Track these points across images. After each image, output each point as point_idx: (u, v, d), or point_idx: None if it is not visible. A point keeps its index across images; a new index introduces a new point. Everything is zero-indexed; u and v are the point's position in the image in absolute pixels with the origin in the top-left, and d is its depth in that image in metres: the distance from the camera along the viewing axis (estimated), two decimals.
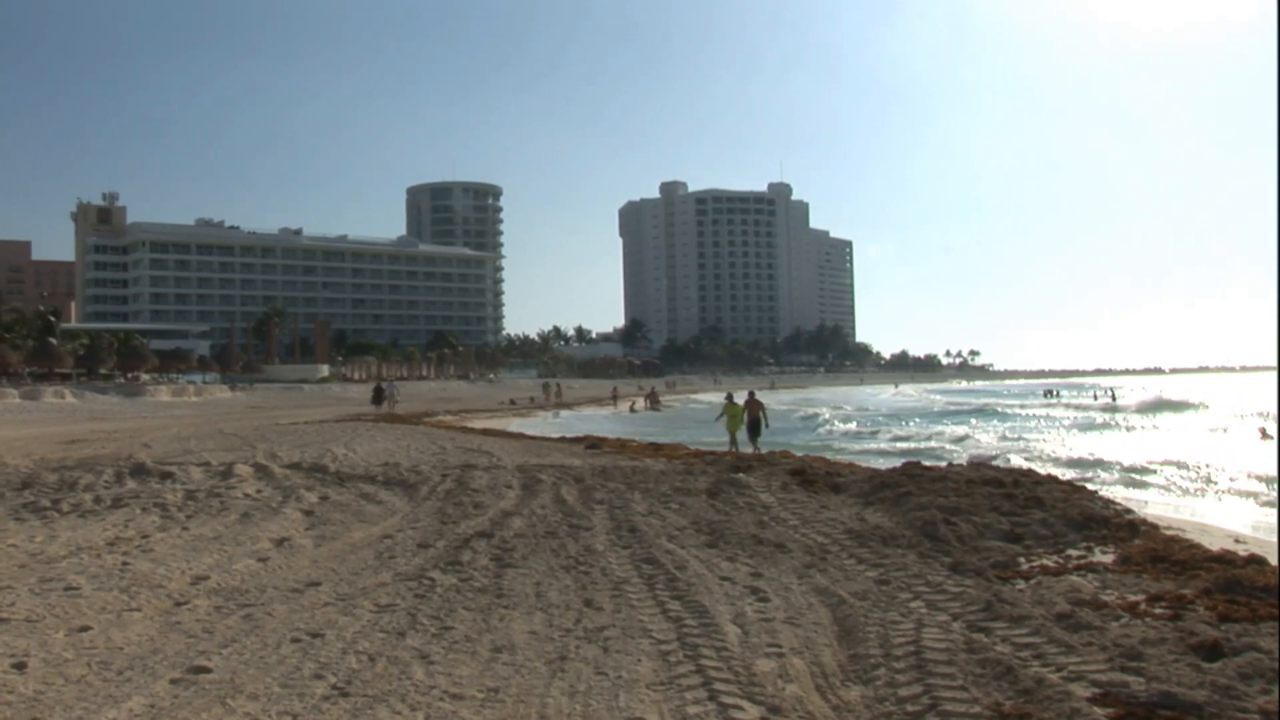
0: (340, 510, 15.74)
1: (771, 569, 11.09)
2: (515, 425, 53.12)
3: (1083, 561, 11.30)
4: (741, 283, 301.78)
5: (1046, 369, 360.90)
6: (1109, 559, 11.39)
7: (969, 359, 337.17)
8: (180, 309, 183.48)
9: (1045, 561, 11.38)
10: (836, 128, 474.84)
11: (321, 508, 15.94)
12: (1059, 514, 13.85)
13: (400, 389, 73.27)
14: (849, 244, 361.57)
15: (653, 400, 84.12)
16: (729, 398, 35.51)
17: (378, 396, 66.70)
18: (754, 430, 32.76)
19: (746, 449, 30.08)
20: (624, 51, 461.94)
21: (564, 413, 73.88)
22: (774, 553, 11.94)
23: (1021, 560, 11.42)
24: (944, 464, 21.81)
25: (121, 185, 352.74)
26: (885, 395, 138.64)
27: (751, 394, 34.68)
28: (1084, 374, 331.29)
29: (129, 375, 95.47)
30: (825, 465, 22.23)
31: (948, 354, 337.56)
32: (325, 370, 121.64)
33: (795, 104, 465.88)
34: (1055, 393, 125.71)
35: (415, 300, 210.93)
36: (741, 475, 19.26)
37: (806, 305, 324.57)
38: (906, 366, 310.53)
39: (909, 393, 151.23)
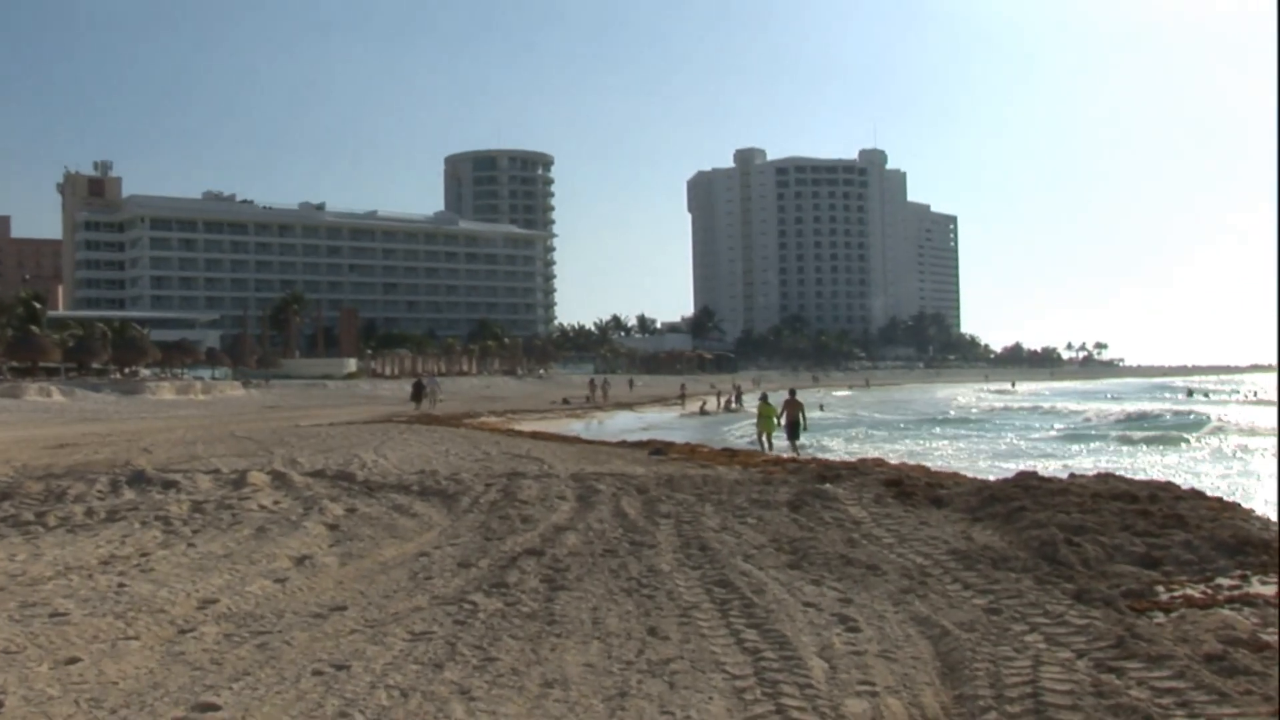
0: (369, 524, 15.87)
1: (863, 594, 11.00)
2: (569, 428, 53.29)
3: (1237, 593, 11.01)
4: (828, 265, 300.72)
5: (1190, 364, 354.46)
6: (1270, 590, 11.12)
7: (1095, 353, 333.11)
8: (185, 295, 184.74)
9: (1190, 591, 11.12)
10: (939, 85, 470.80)
11: (348, 521, 16.08)
12: (1206, 535, 13.54)
13: (440, 386, 74.07)
14: (953, 219, 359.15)
15: (734, 400, 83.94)
16: (763, 398, 37.34)
17: (417, 393, 67.54)
18: (793, 432, 34.58)
19: (784, 451, 31.13)
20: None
21: (624, 414, 74.06)
22: (866, 575, 11.84)
23: (1160, 589, 11.20)
24: (1066, 475, 21.52)
25: (116, 153, 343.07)
26: (980, 395, 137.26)
27: (792, 394, 36.21)
28: (1236, 370, 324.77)
29: (126, 370, 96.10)
30: (925, 475, 22.04)
31: (1069, 347, 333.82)
32: (352, 365, 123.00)
33: (891, 57, 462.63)
34: (1193, 393, 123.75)
35: (455, 285, 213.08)
36: (828, 486, 19.19)
37: (903, 290, 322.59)
38: (1020, 361, 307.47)
39: (1019, 391, 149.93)
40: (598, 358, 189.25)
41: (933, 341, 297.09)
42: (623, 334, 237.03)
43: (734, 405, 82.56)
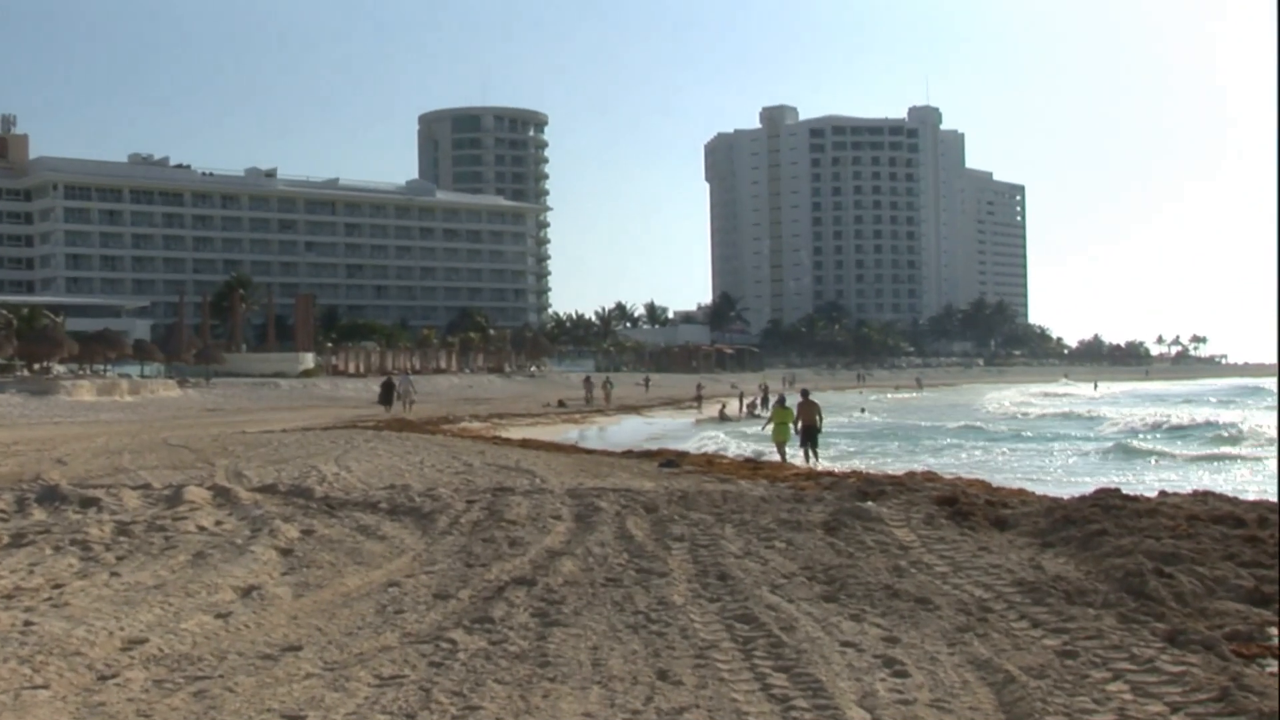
0: (330, 548, 15.90)
1: (911, 632, 10.97)
2: (565, 435, 53.30)
3: None
4: (871, 243, 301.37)
5: None
6: None
7: (1190, 348, 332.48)
8: (108, 276, 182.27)
9: None
10: (1004, 29, 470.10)
11: (304, 545, 16.10)
12: None
13: (414, 385, 74.14)
14: (1020, 190, 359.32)
15: (760, 402, 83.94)
16: (780, 401, 38.37)
17: (387, 394, 67.65)
18: (810, 438, 35.50)
19: (792, 460, 31.74)
20: None
21: (631, 419, 74.19)
22: (915, 610, 11.82)
23: (1273, 631, 11.18)
24: (1154, 492, 21.49)
25: (20, 106, 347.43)
26: (1049, 396, 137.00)
27: (805, 395, 36.93)
28: None
29: (36, 366, 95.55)
30: (985, 491, 22.01)
31: (1160, 341, 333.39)
32: (310, 361, 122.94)
33: None
34: None
35: (431, 267, 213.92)
36: (870, 504, 19.21)
37: (961, 274, 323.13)
38: (1099, 357, 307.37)
39: (1100, 394, 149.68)
40: (599, 353, 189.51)
41: (995, 334, 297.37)
42: (628, 325, 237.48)
43: (760, 410, 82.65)
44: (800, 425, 36.12)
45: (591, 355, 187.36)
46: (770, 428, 37.93)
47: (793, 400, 38.01)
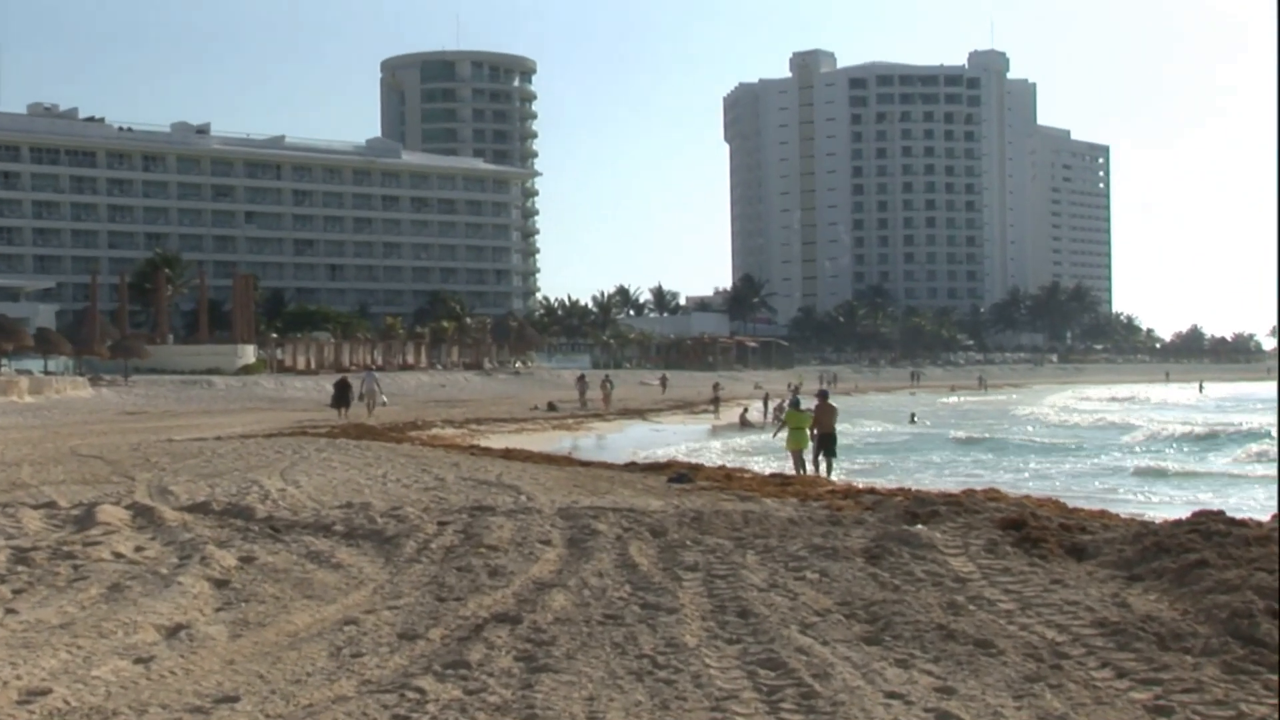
0: (274, 579, 15.90)
1: (970, 682, 10.95)
2: (557, 444, 53.37)
3: None
4: (923, 215, 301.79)
5: None
6: None
7: None
8: (4, 251, 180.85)
9: None
10: None
11: (243, 575, 16.10)
12: None
13: (379, 384, 73.81)
14: (1104, 152, 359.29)
15: (787, 406, 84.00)
16: (794, 404, 39.34)
17: (342, 395, 67.43)
18: (828, 447, 36.24)
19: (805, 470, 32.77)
20: None
21: (635, 425, 74.36)
22: (974, 655, 11.80)
23: None
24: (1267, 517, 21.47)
25: None
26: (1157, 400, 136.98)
27: (824, 397, 37.57)
28: None
29: None
30: (1059, 512, 21.97)
31: (1275, 333, 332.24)
32: (250, 354, 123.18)
33: None
34: None
35: (396, 244, 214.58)
36: (920, 528, 19.23)
37: (1031, 252, 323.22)
38: (1199, 351, 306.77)
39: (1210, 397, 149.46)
40: (597, 346, 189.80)
41: (1071, 325, 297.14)
42: (632, 313, 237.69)
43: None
44: (816, 432, 36.58)
45: (588, 349, 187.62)
46: (783, 435, 38.17)
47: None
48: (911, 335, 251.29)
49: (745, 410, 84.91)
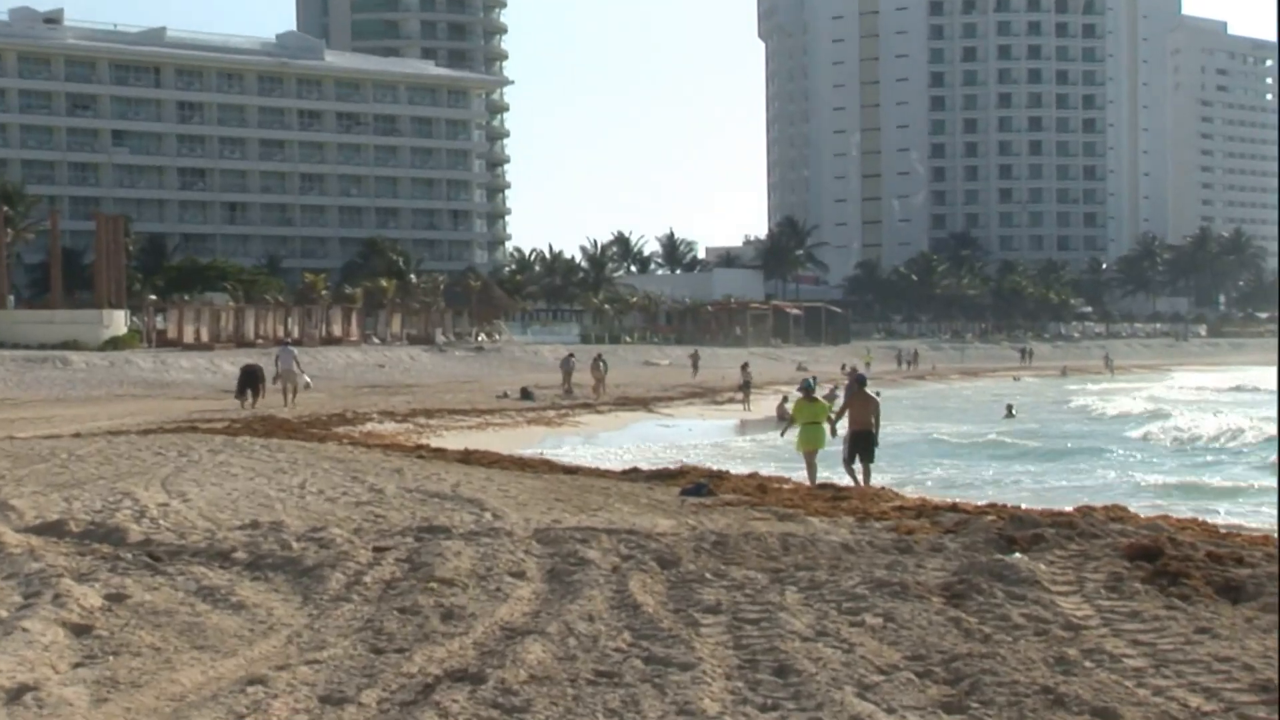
0: (153, 624, 15.85)
1: None
2: (534, 444, 53.41)
3: None
4: (1025, 138, 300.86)
5: None
6: None
7: None
8: None
9: None
10: None
11: (111, 619, 16.02)
12: None
13: (299, 363, 73.20)
14: (1273, 50, 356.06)
15: (837, 394, 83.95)
16: (805, 390, 38.65)
17: (250, 380, 66.92)
18: (863, 448, 35.92)
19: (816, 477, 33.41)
20: None
21: (637, 419, 74.42)
22: None
23: None
24: None
25: None
26: None
27: (860, 383, 37.74)
28: None
29: None
30: (1207, 537, 21.91)
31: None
32: (121, 322, 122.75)
33: None
34: None
35: (318, 174, 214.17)
36: (1019, 557, 19.19)
37: (1172, 189, 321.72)
38: None
39: None
40: (588, 313, 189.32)
41: (1227, 286, 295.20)
42: (634, 269, 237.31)
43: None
44: (848, 429, 36.42)
45: (574, 317, 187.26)
46: (794, 434, 38.08)
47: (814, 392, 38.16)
48: (1008, 299, 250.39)
49: (784, 400, 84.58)
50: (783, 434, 42.54)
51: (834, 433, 36.90)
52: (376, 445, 45.09)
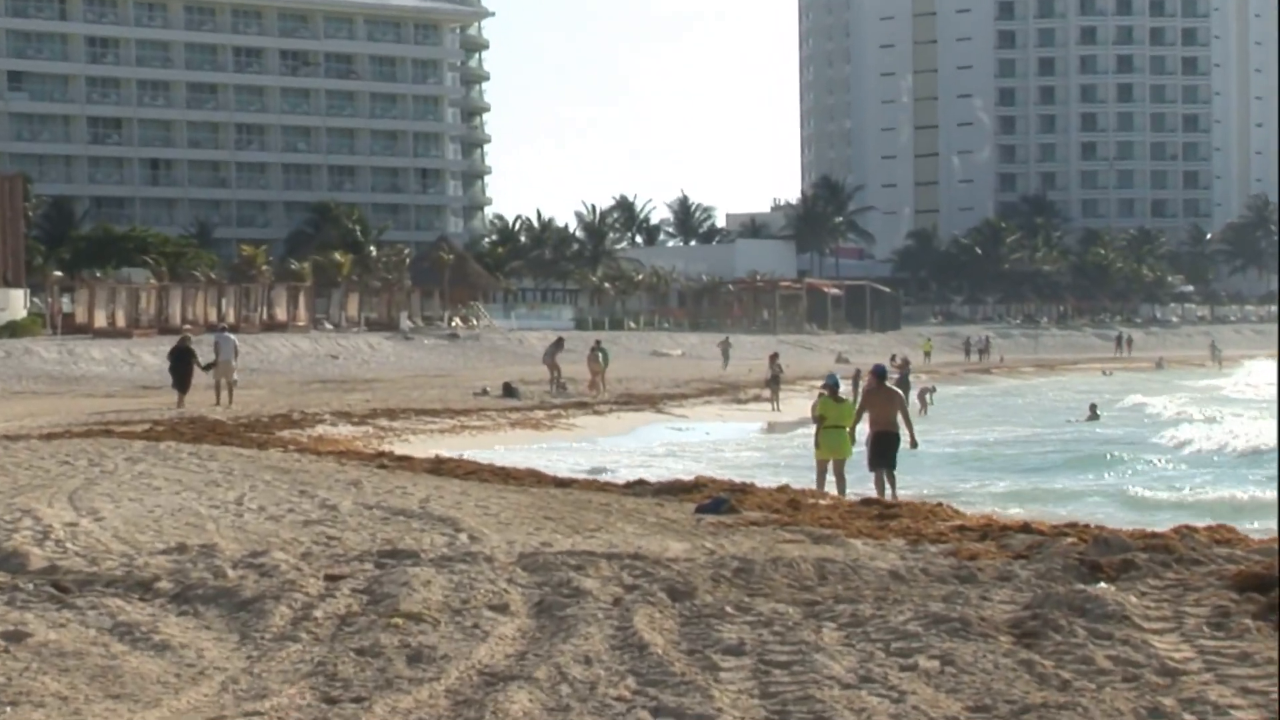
0: (59, 667, 15.86)
1: None
2: (520, 450, 53.53)
3: None
4: (1112, 81, 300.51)
5: None
6: None
7: None
8: None
9: None
10: None
11: (10, 662, 16.00)
12: None
13: (237, 352, 73.11)
14: None
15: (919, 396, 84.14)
16: (830, 386, 39.40)
17: (183, 368, 66.81)
18: (885, 455, 36.91)
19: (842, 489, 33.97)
20: None
21: (644, 421, 74.49)
22: None
23: None
24: None
25: None
26: None
27: (880, 376, 38.89)
28: None
29: None
30: None
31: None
32: (19, 304, 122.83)
33: None
34: None
35: (258, 125, 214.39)
36: (1104, 587, 19.14)
37: None
38: None
39: None
40: (585, 292, 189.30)
41: None
42: (640, 241, 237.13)
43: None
44: (870, 432, 37.00)
45: (568, 298, 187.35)
46: (819, 439, 38.35)
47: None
48: (1092, 277, 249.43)
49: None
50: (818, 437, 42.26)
51: (853, 439, 37.52)
52: (329, 452, 45.05)
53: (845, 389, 43.30)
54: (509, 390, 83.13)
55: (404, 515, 28.41)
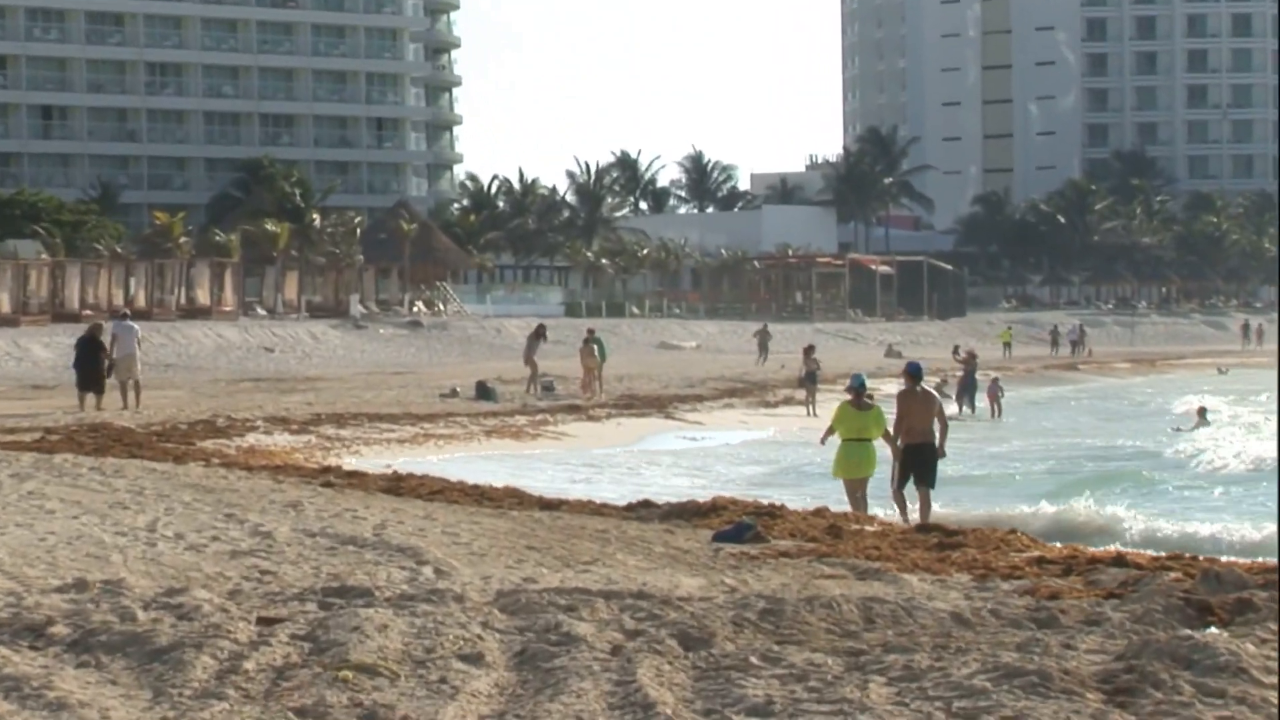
0: None
1: None
2: (495, 466, 53.68)
3: None
4: (1224, 8, 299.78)
5: None
6: None
7: None
8: None
9: None
10: None
11: None
12: None
13: (140, 343, 73.22)
14: None
15: (948, 394, 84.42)
16: (855, 389, 40.01)
17: (91, 362, 66.94)
18: (920, 467, 37.44)
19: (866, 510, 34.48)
20: None
21: (653, 429, 74.57)
22: None
23: None
24: None
25: None
26: None
27: (913, 374, 39.25)
28: None
29: None
30: None
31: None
32: None
33: None
34: None
35: (176, 64, 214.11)
36: (1215, 632, 19.11)
37: None
38: None
39: None
40: (578, 270, 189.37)
41: None
42: (646, 207, 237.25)
43: (963, 409, 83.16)
44: (901, 442, 37.35)
45: (557, 277, 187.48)
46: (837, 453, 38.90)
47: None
48: (1202, 251, 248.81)
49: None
50: (824, 440, 42.20)
51: (896, 454, 37.77)
52: (262, 467, 45.10)
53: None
54: (484, 391, 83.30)
55: (354, 544, 28.43)
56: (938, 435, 37.36)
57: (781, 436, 75.50)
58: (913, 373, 38.96)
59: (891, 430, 37.90)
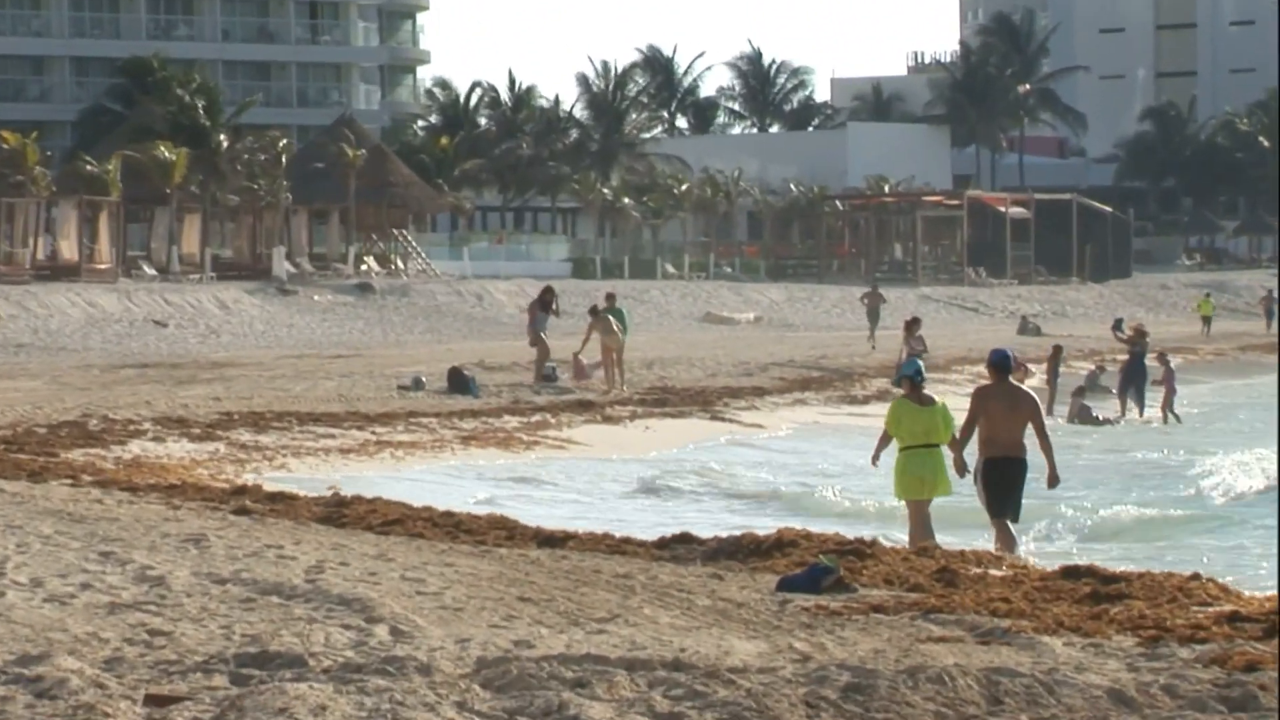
0: None
1: None
2: (476, 482, 53.87)
3: None
4: None
5: None
6: None
7: None
8: None
9: None
10: None
11: None
12: None
13: None
14: None
15: (1106, 385, 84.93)
16: (910, 378, 40.94)
17: None
18: (1005, 492, 37.63)
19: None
20: None
21: (689, 434, 74.73)
22: None
23: None
24: None
25: None
26: None
27: (999, 366, 39.33)
28: None
29: None
30: None
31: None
32: None
33: None
34: None
35: None
36: None
37: None
38: None
39: None
40: (589, 214, 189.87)
41: None
42: (682, 122, 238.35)
43: (1130, 405, 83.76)
44: (979, 456, 37.65)
45: (562, 223, 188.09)
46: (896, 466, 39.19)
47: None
48: None
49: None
50: (875, 459, 42.49)
51: (961, 471, 38.22)
52: (152, 488, 45.16)
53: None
54: (460, 382, 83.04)
55: (280, 594, 28.27)
56: (1045, 455, 37.33)
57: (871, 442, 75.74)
58: (997, 364, 39.02)
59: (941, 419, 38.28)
